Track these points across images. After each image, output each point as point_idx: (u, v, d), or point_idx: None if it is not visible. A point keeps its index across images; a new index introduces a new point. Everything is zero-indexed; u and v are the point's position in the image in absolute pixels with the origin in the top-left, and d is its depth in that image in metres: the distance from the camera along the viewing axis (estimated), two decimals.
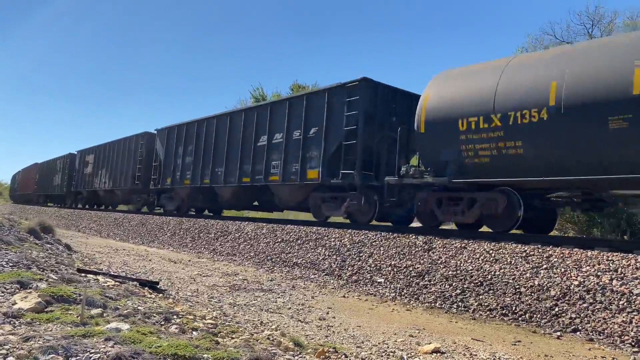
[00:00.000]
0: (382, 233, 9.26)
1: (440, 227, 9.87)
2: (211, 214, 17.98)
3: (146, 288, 5.99)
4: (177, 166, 17.05)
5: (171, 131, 17.85)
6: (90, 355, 2.58)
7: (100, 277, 5.67)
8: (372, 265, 8.37)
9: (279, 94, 28.58)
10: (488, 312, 6.31)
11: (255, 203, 15.80)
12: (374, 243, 8.95)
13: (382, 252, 8.57)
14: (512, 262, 6.80)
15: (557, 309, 5.79)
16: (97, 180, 24.26)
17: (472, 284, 6.83)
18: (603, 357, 4.69)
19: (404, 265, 7.92)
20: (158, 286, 6.40)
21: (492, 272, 6.80)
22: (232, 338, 3.79)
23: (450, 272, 7.24)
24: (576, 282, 5.91)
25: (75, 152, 28.16)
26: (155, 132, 19.18)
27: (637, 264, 5.79)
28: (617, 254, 6.19)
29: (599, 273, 5.90)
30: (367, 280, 8.11)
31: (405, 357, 4.27)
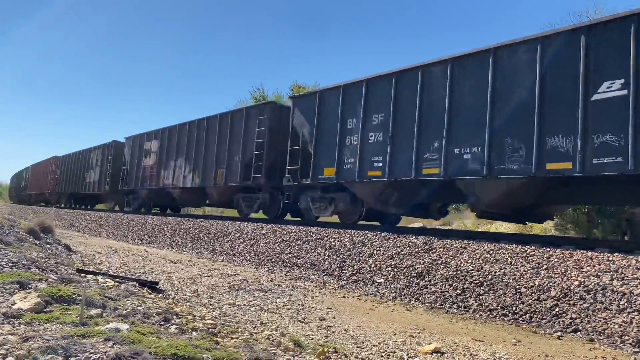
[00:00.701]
0: (382, 233, 9.25)
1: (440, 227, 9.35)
2: (375, 222, 12.38)
3: (146, 288, 5.98)
4: (349, 148, 10.60)
5: (329, 96, 11.36)
6: (90, 356, 2.57)
7: (99, 278, 5.66)
8: (372, 266, 8.36)
9: (279, 95, 28.27)
10: (488, 313, 6.30)
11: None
12: (374, 243, 8.94)
13: (382, 252, 8.56)
14: (513, 262, 6.80)
15: (557, 309, 5.78)
16: (169, 174, 17.68)
17: (473, 284, 6.82)
18: (604, 357, 4.68)
19: (404, 266, 7.91)
20: (157, 286, 6.39)
21: (493, 273, 6.79)
22: (232, 338, 3.79)
23: (450, 273, 7.23)
24: (576, 283, 5.91)
25: (123, 140, 21.68)
26: (290, 100, 13.07)
27: (638, 264, 5.79)
28: (617, 254, 6.19)
29: (599, 273, 5.89)
30: (367, 281, 8.10)
31: (405, 357, 4.26)
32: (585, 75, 6.99)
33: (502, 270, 6.73)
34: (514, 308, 6.14)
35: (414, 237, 8.64)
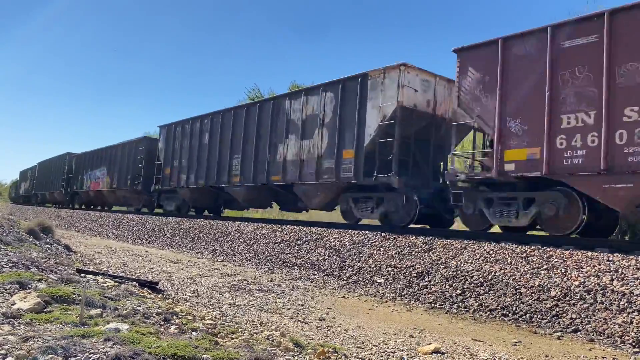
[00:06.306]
0: (382, 234, 9.25)
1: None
2: None
3: (145, 288, 5.98)
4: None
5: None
6: (90, 356, 2.57)
7: (99, 278, 5.66)
8: (372, 266, 8.36)
9: (274, 94, 28.96)
10: (488, 313, 6.30)
11: None
12: (374, 243, 8.94)
13: (382, 252, 8.56)
14: (513, 262, 6.79)
15: (557, 310, 5.78)
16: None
17: (473, 285, 6.82)
18: (604, 357, 4.68)
19: (404, 266, 7.91)
20: (157, 286, 6.39)
21: (493, 273, 6.79)
22: (232, 338, 3.78)
23: (450, 273, 7.23)
24: (577, 283, 5.90)
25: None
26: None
27: (638, 264, 5.79)
28: (617, 254, 6.19)
29: (599, 273, 5.89)
30: (367, 281, 8.10)
31: (405, 357, 4.26)
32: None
33: (502, 271, 6.73)
34: (514, 308, 6.13)
35: (413, 237, 8.64)
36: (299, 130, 11.84)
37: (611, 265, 5.95)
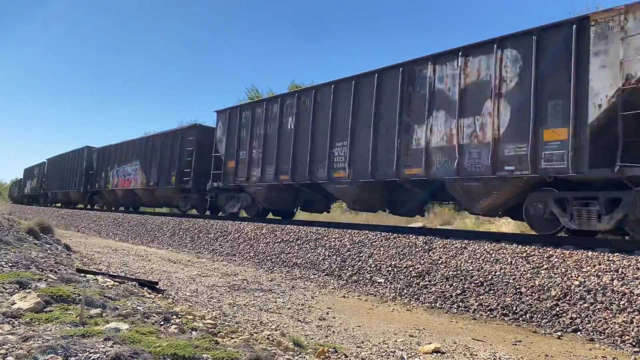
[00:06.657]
0: (382, 233, 9.25)
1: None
2: None
3: (145, 288, 5.98)
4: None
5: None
6: (90, 355, 2.57)
7: (99, 277, 5.65)
8: (372, 266, 8.36)
9: (272, 93, 28.90)
10: (488, 312, 6.30)
11: None
12: (374, 243, 8.94)
13: (382, 252, 8.56)
14: (513, 262, 6.79)
15: (557, 309, 5.78)
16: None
17: (473, 284, 6.82)
18: (604, 357, 4.68)
19: (404, 266, 7.91)
20: (157, 286, 6.39)
21: (493, 272, 6.79)
22: (232, 338, 3.78)
23: (450, 272, 7.23)
24: (577, 282, 5.91)
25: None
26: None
27: (638, 264, 5.79)
28: (617, 254, 6.19)
29: (599, 273, 5.89)
30: (367, 281, 8.10)
31: (405, 357, 4.26)
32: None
33: (503, 270, 6.73)
34: (514, 308, 6.13)
35: (414, 237, 8.65)
36: (452, 105, 8.74)
37: (611, 265, 5.95)
